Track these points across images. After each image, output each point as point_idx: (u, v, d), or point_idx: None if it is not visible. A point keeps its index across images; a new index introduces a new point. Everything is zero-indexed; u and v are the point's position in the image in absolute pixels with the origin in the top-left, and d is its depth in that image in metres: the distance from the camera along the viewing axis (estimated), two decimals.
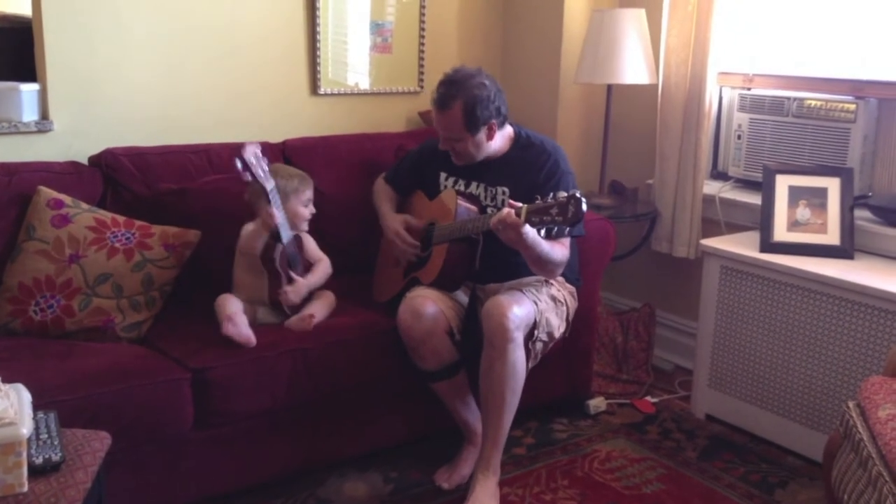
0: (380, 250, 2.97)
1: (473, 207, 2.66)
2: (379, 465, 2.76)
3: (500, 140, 2.69)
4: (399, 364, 2.63)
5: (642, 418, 3.15)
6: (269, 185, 2.53)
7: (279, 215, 2.54)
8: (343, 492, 2.62)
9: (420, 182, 2.88)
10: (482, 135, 2.61)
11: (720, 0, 3.19)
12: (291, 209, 2.67)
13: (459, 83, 2.57)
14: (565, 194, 2.27)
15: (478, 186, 2.73)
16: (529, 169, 2.65)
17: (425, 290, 2.61)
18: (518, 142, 2.72)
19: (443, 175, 2.79)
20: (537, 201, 2.30)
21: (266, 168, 2.54)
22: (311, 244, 2.78)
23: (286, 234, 2.59)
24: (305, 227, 2.75)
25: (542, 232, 2.31)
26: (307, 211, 2.73)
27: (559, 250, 2.52)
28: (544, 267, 2.53)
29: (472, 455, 2.67)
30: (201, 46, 3.13)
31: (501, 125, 2.66)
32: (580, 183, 3.35)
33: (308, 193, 2.72)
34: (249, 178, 2.50)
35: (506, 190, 2.67)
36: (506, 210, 2.34)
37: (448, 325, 2.57)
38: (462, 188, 2.75)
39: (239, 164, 2.50)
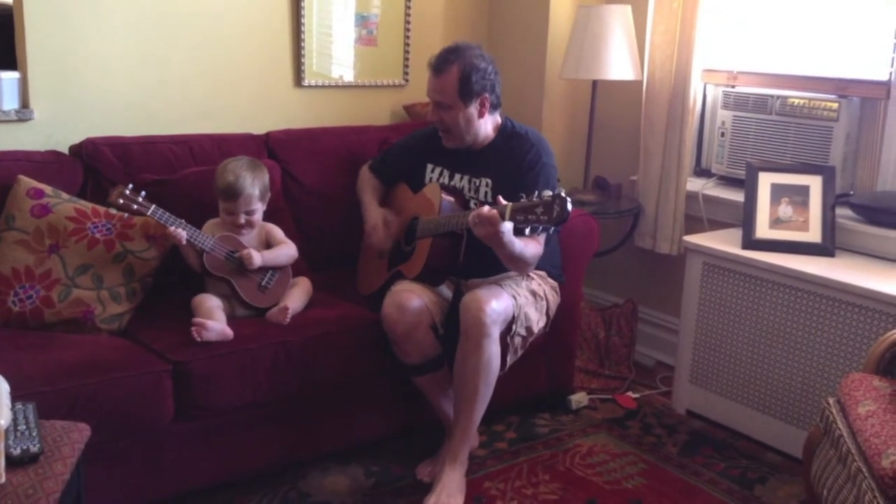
0: (364, 242, 2.96)
1: (457, 202, 2.65)
2: (360, 458, 2.75)
3: (488, 126, 2.69)
4: (381, 358, 2.63)
5: (624, 413, 3.16)
6: (149, 210, 2.50)
7: (182, 233, 2.50)
8: (325, 486, 2.61)
9: (406, 173, 2.87)
10: (473, 108, 2.61)
11: None
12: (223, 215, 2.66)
13: (459, 51, 2.61)
14: (550, 193, 2.25)
15: (462, 178, 2.72)
16: (512, 158, 2.66)
17: (410, 285, 2.61)
18: (503, 131, 2.72)
19: (429, 167, 2.79)
20: (522, 199, 2.29)
21: (141, 198, 2.51)
22: (275, 233, 2.75)
23: (204, 243, 2.55)
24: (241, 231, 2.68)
25: (528, 230, 2.30)
26: (238, 219, 2.66)
27: (533, 247, 2.51)
28: (517, 263, 2.53)
29: None
30: (184, 36, 3.11)
31: (494, 106, 2.67)
32: (564, 178, 3.36)
33: (237, 202, 2.64)
34: (133, 212, 2.48)
35: (489, 181, 2.67)
36: (485, 207, 2.34)
37: (432, 320, 2.57)
38: (447, 180, 2.74)
39: (115, 212, 2.49)
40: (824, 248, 2.87)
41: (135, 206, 2.50)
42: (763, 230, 2.94)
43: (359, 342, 2.60)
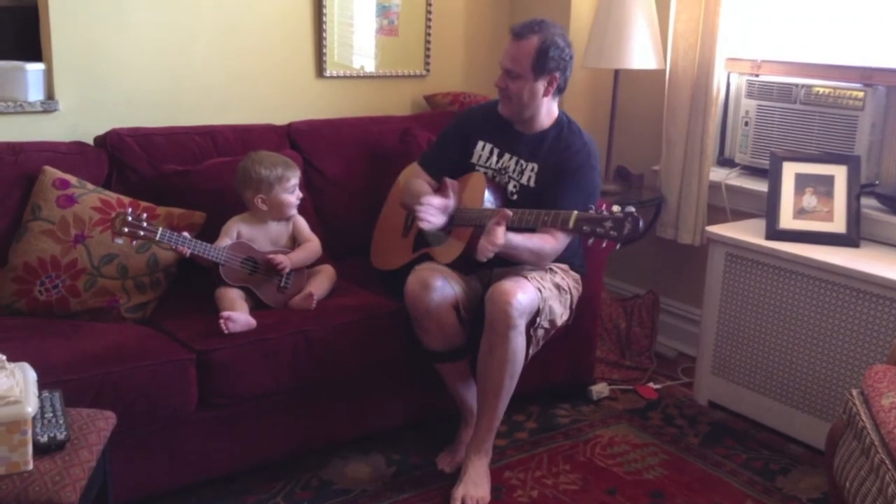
0: (382, 215, 2.94)
1: (497, 198, 2.64)
2: (381, 447, 2.77)
3: (547, 112, 2.70)
4: (402, 347, 2.64)
5: (645, 404, 3.15)
6: (157, 235, 2.44)
7: (187, 251, 2.48)
8: (346, 473, 2.63)
9: (456, 155, 2.80)
10: (541, 84, 2.61)
11: None
12: (276, 198, 2.65)
13: (544, 24, 2.62)
14: (620, 209, 2.26)
15: (510, 158, 2.72)
16: (561, 150, 2.66)
17: (436, 265, 2.60)
18: (558, 123, 2.73)
19: (480, 143, 2.78)
20: (591, 211, 2.30)
21: (145, 222, 2.43)
22: (301, 226, 2.76)
23: (218, 256, 2.54)
24: (293, 211, 2.72)
25: (591, 240, 2.30)
26: (293, 198, 2.69)
27: (550, 243, 2.51)
28: (530, 260, 2.56)
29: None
30: (207, 27, 3.13)
31: (560, 89, 2.67)
32: None
33: (293, 180, 2.68)
34: (141, 238, 2.43)
35: (535, 166, 2.67)
36: (491, 226, 2.37)
37: (455, 300, 2.55)
38: (495, 159, 2.73)
39: (120, 241, 2.45)
40: (849, 239, 2.84)
41: (141, 233, 2.42)
42: (787, 220, 2.92)
43: (380, 331, 2.61)
